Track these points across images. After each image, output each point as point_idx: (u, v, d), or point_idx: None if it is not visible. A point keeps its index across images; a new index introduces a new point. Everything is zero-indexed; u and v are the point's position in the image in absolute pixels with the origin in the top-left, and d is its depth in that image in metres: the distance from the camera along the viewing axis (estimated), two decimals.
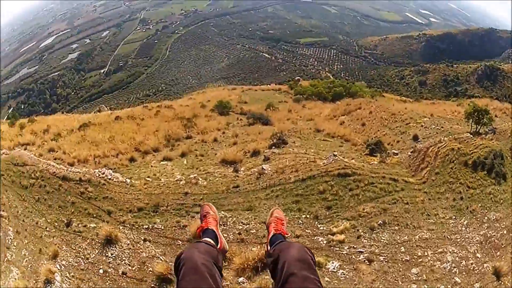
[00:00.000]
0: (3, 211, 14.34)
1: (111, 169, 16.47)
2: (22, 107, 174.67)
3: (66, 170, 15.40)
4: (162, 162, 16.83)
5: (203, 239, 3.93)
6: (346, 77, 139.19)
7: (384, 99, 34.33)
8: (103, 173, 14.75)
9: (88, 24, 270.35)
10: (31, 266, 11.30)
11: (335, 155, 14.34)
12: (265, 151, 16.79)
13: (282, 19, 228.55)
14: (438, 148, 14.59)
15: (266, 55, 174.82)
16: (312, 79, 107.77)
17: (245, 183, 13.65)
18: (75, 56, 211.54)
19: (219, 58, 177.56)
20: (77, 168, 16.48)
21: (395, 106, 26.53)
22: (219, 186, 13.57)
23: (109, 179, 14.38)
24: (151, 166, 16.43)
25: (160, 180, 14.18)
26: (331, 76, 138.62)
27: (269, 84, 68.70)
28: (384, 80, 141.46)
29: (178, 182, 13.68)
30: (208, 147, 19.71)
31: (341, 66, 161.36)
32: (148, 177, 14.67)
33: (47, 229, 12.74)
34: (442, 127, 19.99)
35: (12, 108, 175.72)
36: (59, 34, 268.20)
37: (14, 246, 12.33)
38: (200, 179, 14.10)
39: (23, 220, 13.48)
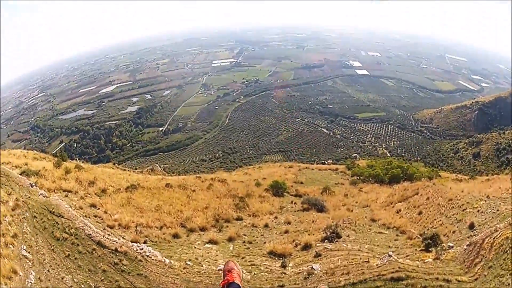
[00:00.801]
0: (29, 252, 14.42)
1: (152, 241, 16.36)
2: (75, 145, 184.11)
3: (103, 236, 15.47)
4: (206, 245, 16.44)
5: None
6: (403, 154, 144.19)
7: (441, 180, 33.21)
8: (142, 249, 14.72)
9: (150, 80, 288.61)
10: None
11: (390, 255, 13.93)
12: (317, 244, 16.25)
13: (341, 93, 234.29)
14: (494, 238, 13.86)
15: (325, 130, 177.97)
16: (369, 157, 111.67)
17: (292, 282, 13.17)
18: (134, 109, 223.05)
19: (278, 130, 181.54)
20: (115, 234, 16.47)
21: (452, 190, 25.46)
22: (263, 283, 13.13)
23: (147, 256, 14.31)
24: (195, 247, 16.09)
25: (202, 266, 13.87)
26: (388, 153, 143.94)
27: (326, 161, 70.08)
28: (440, 155, 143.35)
29: (220, 272, 13.18)
30: (257, 233, 19.25)
31: (398, 142, 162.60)
32: (189, 260, 14.37)
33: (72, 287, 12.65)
34: (498, 210, 18.93)
35: (63, 144, 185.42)
36: (120, 84, 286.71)
37: None
38: (244, 271, 13.69)
39: (48, 271, 13.55)
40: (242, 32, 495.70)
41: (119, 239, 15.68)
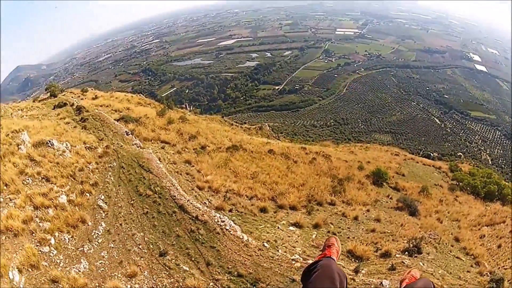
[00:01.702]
0: (106, 203, 14.78)
1: (238, 211, 16.30)
2: (186, 91, 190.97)
3: (187, 201, 15.53)
4: (290, 227, 15.99)
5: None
6: (503, 165, 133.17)
7: None
8: (223, 222, 14.63)
9: (271, 39, 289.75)
10: (102, 270, 11.65)
11: None
12: (397, 255, 15.47)
13: (458, 85, 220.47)
14: None
15: (437, 121, 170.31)
16: (473, 159, 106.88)
17: None
18: (253, 65, 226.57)
19: (392, 110, 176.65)
20: (202, 197, 16.54)
21: None
22: None
23: (227, 229, 14.20)
24: (278, 227, 15.74)
25: (277, 251, 13.48)
26: (490, 161, 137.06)
27: (432, 153, 68.91)
28: None
29: (293, 262, 12.92)
30: (345, 224, 18.55)
31: (501, 151, 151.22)
32: (268, 241, 14.07)
33: (140, 246, 12.95)
34: None
35: (175, 88, 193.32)
36: (240, 39, 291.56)
37: (98, 242, 12.74)
38: None
39: (121, 224, 13.87)
40: (369, 4, 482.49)
41: (202, 206, 15.68)
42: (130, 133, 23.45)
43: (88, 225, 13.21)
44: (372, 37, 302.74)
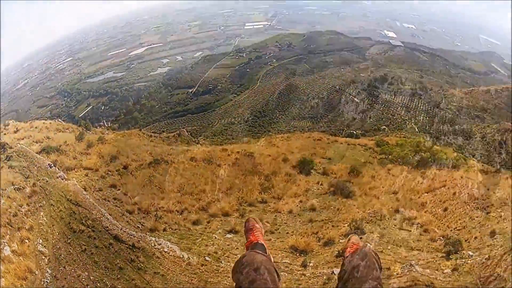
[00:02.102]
0: (45, 247, 14.39)
1: (172, 229, 16.31)
2: (102, 108, 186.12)
3: (120, 229, 15.32)
4: (227, 235, 16.09)
5: (256, 250, 4.07)
6: (430, 131, 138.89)
7: (469, 170, 32.32)
8: (160, 244, 14.55)
9: (181, 42, 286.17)
10: None
11: (411, 265, 13.33)
12: (341, 240, 15.75)
13: (374, 62, 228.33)
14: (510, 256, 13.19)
15: (356, 99, 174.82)
16: (398, 130, 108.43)
17: (310, 286, 12.66)
18: (164, 71, 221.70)
19: (309, 96, 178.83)
20: (134, 222, 16.43)
21: (480, 187, 24.87)
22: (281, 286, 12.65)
23: (165, 251, 14.12)
24: (215, 237, 15.83)
25: (220, 262, 13.64)
26: (416, 128, 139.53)
27: (355, 131, 70.59)
28: (466, 137, 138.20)
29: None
30: (281, 220, 18.69)
31: (427, 118, 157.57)
32: (209, 255, 14.16)
33: (88, 287, 12.59)
34: None
35: (91, 107, 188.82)
36: (151, 46, 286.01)
37: None
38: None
39: (65, 267, 13.53)
40: None
41: (136, 231, 15.56)
42: (53, 165, 22.79)
43: (35, 274, 12.84)
44: (282, 27, 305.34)
